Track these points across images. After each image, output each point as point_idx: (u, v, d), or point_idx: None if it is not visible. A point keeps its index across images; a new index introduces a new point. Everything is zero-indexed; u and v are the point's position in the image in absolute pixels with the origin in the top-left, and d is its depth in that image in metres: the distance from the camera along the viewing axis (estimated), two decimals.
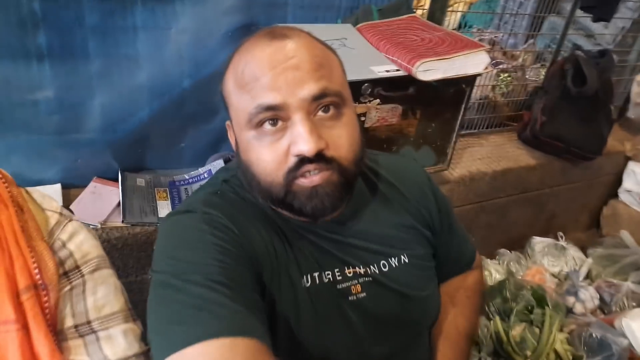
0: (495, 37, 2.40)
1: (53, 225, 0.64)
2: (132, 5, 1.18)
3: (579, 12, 1.92)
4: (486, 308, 1.63)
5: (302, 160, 0.60)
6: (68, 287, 0.61)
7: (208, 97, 1.37)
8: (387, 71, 1.20)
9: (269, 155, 0.62)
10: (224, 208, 0.67)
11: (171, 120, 1.36)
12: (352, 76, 1.16)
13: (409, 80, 1.24)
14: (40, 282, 0.58)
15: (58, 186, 1.29)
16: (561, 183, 2.05)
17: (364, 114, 1.26)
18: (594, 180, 2.16)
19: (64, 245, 0.63)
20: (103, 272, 0.66)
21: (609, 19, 1.79)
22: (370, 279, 0.74)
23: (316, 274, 0.71)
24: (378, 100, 1.26)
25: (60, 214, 0.67)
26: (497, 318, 1.54)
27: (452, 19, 2.77)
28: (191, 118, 1.39)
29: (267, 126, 0.61)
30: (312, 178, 0.62)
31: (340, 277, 0.72)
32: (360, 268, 0.73)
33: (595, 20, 1.84)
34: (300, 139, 0.59)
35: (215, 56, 1.31)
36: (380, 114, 1.29)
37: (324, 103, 0.61)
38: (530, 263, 1.95)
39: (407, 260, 0.77)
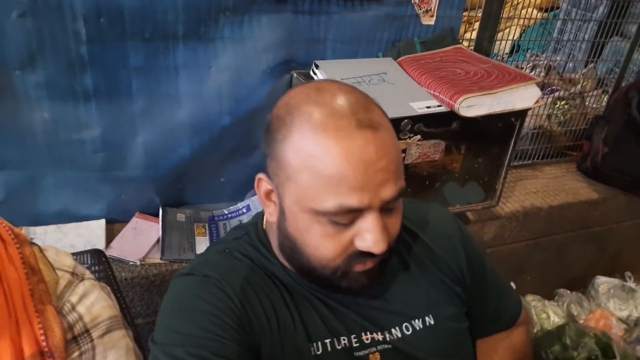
0: (551, 62, 2.28)
1: (63, 286, 0.63)
2: (174, 45, 1.21)
3: None
4: (543, 355, 1.50)
5: (366, 254, 0.58)
6: (77, 353, 0.59)
7: (247, 133, 1.37)
8: (428, 107, 1.15)
9: (331, 245, 0.58)
10: (227, 271, 0.65)
11: (211, 156, 1.37)
12: (390, 113, 1.11)
13: (452, 115, 1.18)
14: (46, 349, 0.56)
15: (102, 222, 1.32)
16: (627, 219, 1.88)
17: (404, 150, 1.21)
18: None
19: (73, 308, 0.62)
20: (114, 335, 0.64)
21: None
22: (390, 346, 0.68)
23: (327, 341, 0.66)
24: (419, 137, 1.21)
25: (73, 273, 0.65)
26: None
27: (504, 44, 2.67)
28: (230, 153, 1.40)
29: (338, 222, 0.57)
30: (367, 263, 0.60)
31: (357, 344, 0.67)
32: (378, 334, 0.68)
33: None
34: (371, 238, 0.57)
35: (254, 93, 1.32)
36: (422, 150, 1.24)
37: (394, 201, 0.58)
38: (594, 306, 1.78)
39: (432, 322, 0.71)
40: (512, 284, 0.88)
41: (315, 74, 1.26)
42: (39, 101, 1.15)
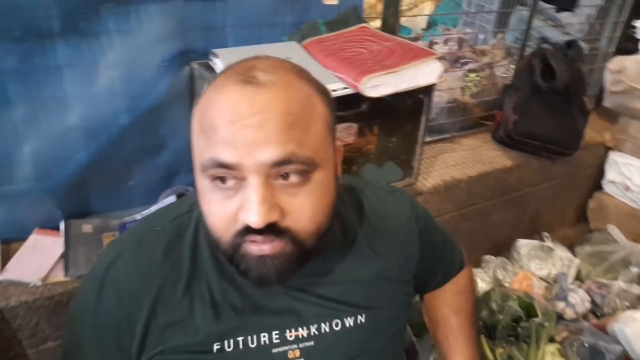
0: (463, 35, 2.33)
1: None
2: (51, 43, 1.09)
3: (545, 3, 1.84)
4: None
5: (250, 229, 0.53)
6: None
7: (150, 131, 1.29)
8: (334, 90, 1.12)
9: (218, 212, 0.55)
10: (135, 268, 0.64)
11: (113, 160, 1.27)
12: None
13: (361, 97, 1.16)
14: None
15: None
16: (542, 181, 1.97)
17: None
18: (575, 175, 2.09)
19: None
20: None
21: (572, 8, 1.71)
22: (313, 342, 0.66)
23: (240, 339, 0.63)
24: None
25: None
26: (482, 336, 1.45)
27: (419, 20, 2.71)
28: (136, 155, 1.31)
29: (219, 183, 0.54)
30: (262, 246, 0.54)
31: (278, 341, 0.65)
32: (304, 330, 0.66)
33: (559, 11, 1.77)
34: (250, 208, 0.51)
35: (152, 88, 1.23)
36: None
37: (287, 169, 0.52)
38: (517, 268, 1.86)
39: (363, 321, 0.69)
40: (450, 240, 0.95)
41: (214, 63, 1.19)
42: None
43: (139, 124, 1.26)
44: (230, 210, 0.54)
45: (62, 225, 1.24)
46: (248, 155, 0.51)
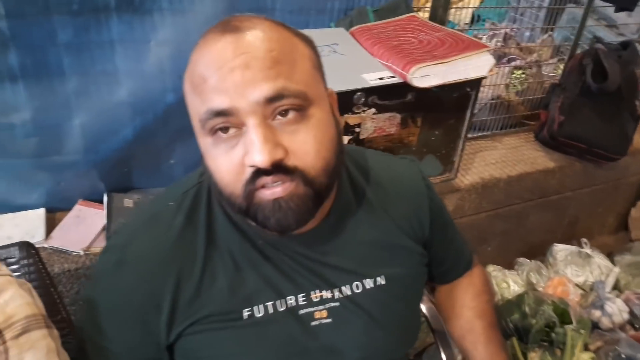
0: (510, 31, 2.27)
1: None
2: (107, 18, 1.11)
3: (600, 2, 1.77)
4: (503, 324, 1.51)
5: (258, 172, 0.53)
6: None
7: None
8: (381, 79, 1.11)
9: (224, 165, 0.55)
10: (153, 243, 0.64)
11: (157, 137, 1.29)
12: (342, 86, 1.07)
13: (407, 86, 1.14)
14: None
15: (42, 210, 1.24)
16: (584, 186, 1.91)
17: (359, 125, 1.17)
18: (620, 181, 2.01)
19: None
20: (32, 335, 0.58)
21: (633, 8, 1.64)
22: (338, 303, 0.67)
23: (270, 303, 0.64)
24: (373, 110, 1.16)
25: None
26: (515, 339, 1.42)
27: (464, 14, 2.64)
28: (179, 133, 1.32)
29: (221, 133, 0.54)
30: (274, 190, 0.54)
31: (304, 302, 0.66)
32: (328, 292, 0.67)
33: (618, 10, 1.70)
34: (253, 149, 0.52)
35: None
36: (377, 124, 1.20)
37: (282, 105, 0.53)
38: (552, 273, 1.82)
39: (383, 283, 0.70)
40: (461, 235, 0.94)
41: None
42: None
43: (184, 103, 1.27)
44: (236, 159, 0.54)
45: (105, 198, 1.27)
46: (241, 97, 0.51)
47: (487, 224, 1.78)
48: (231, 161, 0.54)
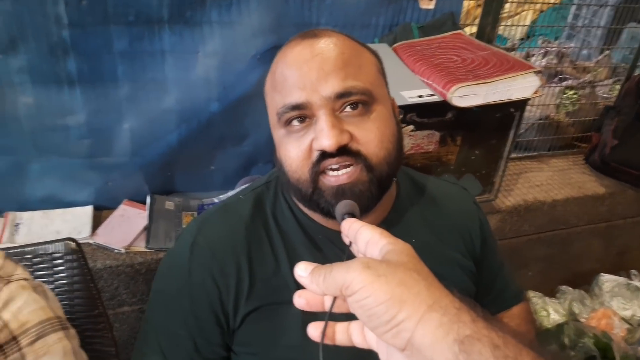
0: (565, 48, 2.19)
1: None
2: (160, 29, 1.17)
3: None
4: None
5: (324, 155, 0.59)
6: None
7: (236, 120, 1.34)
8: (420, 96, 1.10)
9: (294, 151, 0.61)
10: (225, 228, 0.70)
11: (200, 144, 1.34)
12: None
13: (447, 105, 1.13)
14: None
15: (89, 208, 1.30)
16: (636, 214, 1.81)
17: None
18: None
19: None
20: (48, 340, 0.59)
21: None
22: None
23: None
24: (412, 127, 1.16)
25: None
26: None
27: (518, 31, 2.58)
28: (220, 141, 1.37)
29: (295, 123, 0.61)
30: (339, 176, 0.60)
31: None
32: None
33: None
34: (321, 133, 0.58)
35: (243, 79, 1.28)
36: (415, 140, 1.19)
37: (350, 101, 0.60)
38: (597, 304, 1.73)
39: None
40: (508, 268, 0.92)
41: None
42: (22, 86, 1.13)
43: (227, 113, 1.31)
44: (305, 145, 0.60)
45: (148, 200, 1.33)
46: (314, 93, 0.59)
47: (528, 248, 1.72)
48: (300, 147, 0.61)
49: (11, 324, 0.57)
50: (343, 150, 0.58)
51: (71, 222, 1.27)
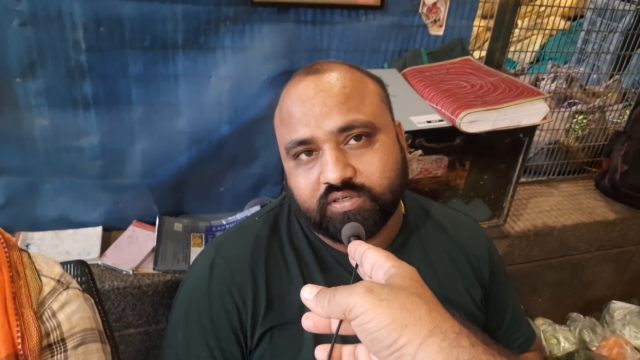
0: (574, 73, 2.20)
1: (47, 293, 0.63)
2: (174, 54, 1.20)
3: None
4: None
5: (331, 188, 0.62)
6: None
7: (247, 143, 1.35)
8: (429, 122, 1.11)
9: (303, 183, 0.64)
10: (243, 249, 0.72)
11: (210, 165, 1.36)
12: None
13: (456, 130, 1.14)
14: (21, 352, 0.57)
15: (99, 229, 1.32)
16: None
17: None
18: None
19: (53, 315, 0.62)
20: (89, 347, 0.63)
21: None
22: None
23: None
24: (420, 152, 1.16)
25: (58, 281, 0.65)
26: None
27: (527, 55, 2.59)
28: (230, 163, 1.38)
29: (303, 157, 0.64)
30: (344, 204, 0.63)
31: None
32: None
33: None
34: (327, 168, 0.61)
35: (254, 103, 1.30)
36: (423, 165, 1.19)
37: (353, 134, 0.62)
38: (608, 332, 1.70)
39: None
40: (521, 306, 0.89)
41: None
42: (39, 108, 1.16)
43: (238, 135, 1.33)
44: (313, 178, 0.63)
45: (157, 221, 1.34)
46: (318, 128, 0.61)
47: (538, 273, 1.70)
48: (308, 180, 0.64)
49: (63, 325, 0.62)
50: (347, 184, 0.61)
51: (81, 243, 1.28)
